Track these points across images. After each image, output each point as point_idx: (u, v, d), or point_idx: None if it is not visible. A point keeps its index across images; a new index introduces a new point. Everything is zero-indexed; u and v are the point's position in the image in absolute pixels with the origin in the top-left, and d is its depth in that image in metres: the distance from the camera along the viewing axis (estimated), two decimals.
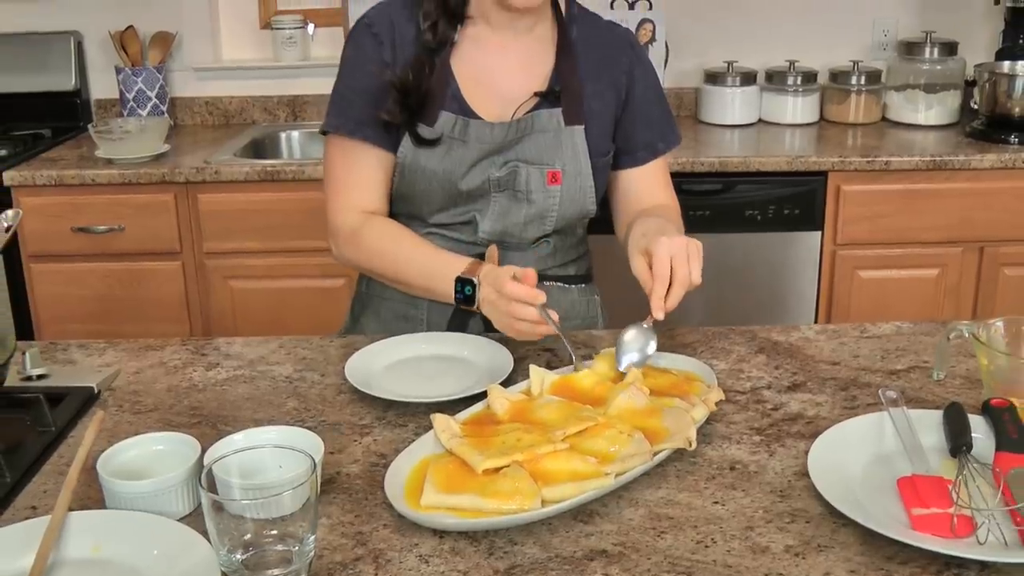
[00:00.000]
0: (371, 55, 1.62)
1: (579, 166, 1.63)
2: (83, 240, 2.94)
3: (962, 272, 2.97)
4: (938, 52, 3.28)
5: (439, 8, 1.60)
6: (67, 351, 1.65)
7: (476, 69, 1.63)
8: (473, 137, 1.60)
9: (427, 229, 1.67)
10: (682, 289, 1.40)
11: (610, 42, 1.70)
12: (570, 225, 1.70)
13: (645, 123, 1.71)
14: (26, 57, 3.46)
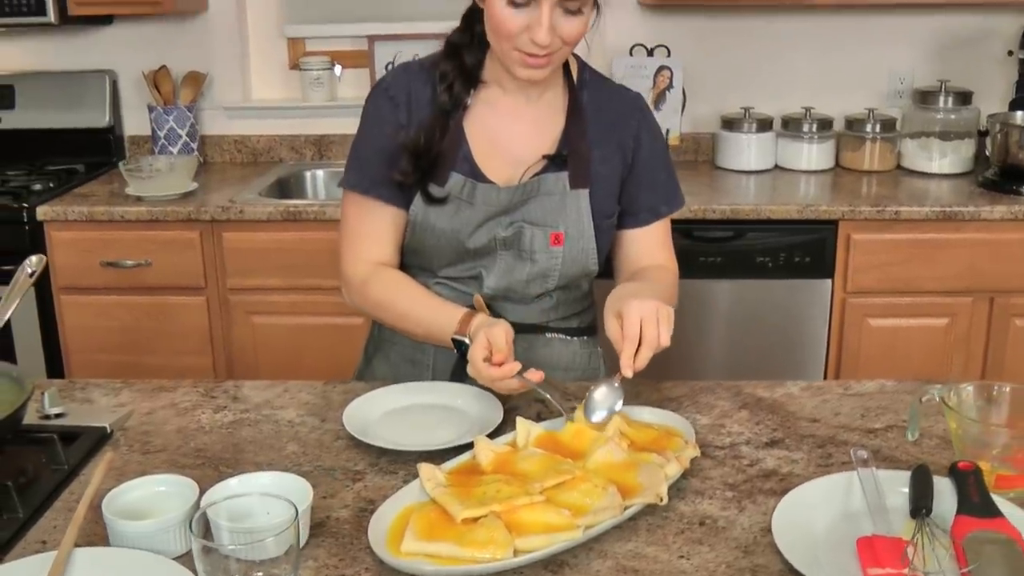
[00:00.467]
0: (387, 117, 1.70)
1: (582, 228, 1.70)
2: (112, 274, 3.04)
3: (972, 322, 3.00)
4: (952, 101, 3.32)
5: (455, 71, 1.68)
6: (85, 390, 1.74)
7: (488, 132, 1.70)
8: (480, 199, 1.67)
9: (436, 281, 1.75)
10: (650, 350, 1.46)
11: (619, 107, 1.76)
12: (573, 282, 1.76)
13: (650, 186, 1.77)
14: (63, 94, 3.58)
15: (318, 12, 3.60)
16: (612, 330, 1.49)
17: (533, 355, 1.74)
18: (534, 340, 1.75)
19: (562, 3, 1.52)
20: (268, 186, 3.27)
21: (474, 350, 1.50)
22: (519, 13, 1.53)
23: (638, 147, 1.75)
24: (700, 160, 3.54)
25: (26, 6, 3.18)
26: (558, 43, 1.56)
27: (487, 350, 1.49)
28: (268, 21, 3.63)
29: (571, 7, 1.53)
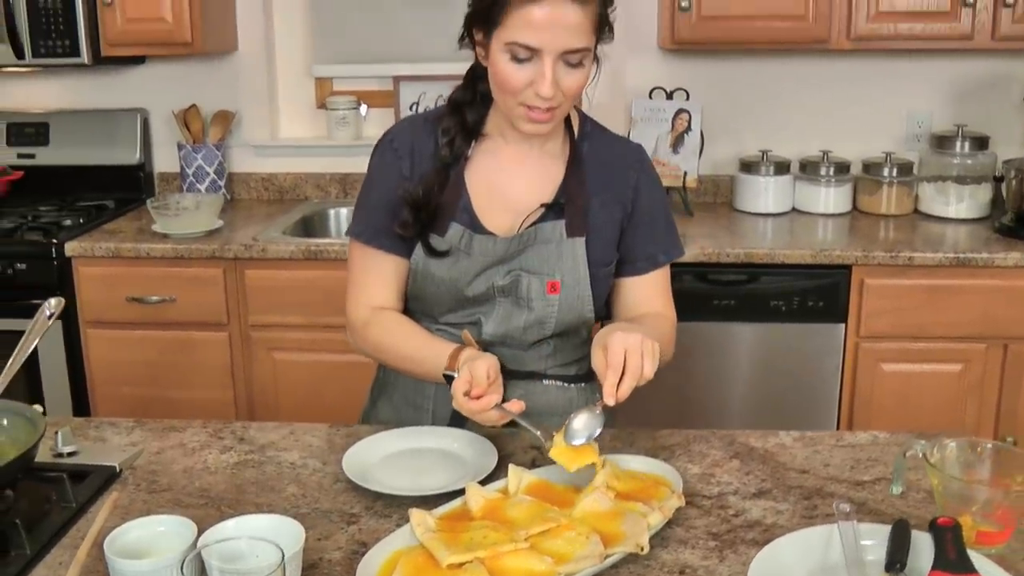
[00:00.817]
0: (391, 169, 1.76)
1: (578, 276, 1.73)
2: (137, 309, 3.11)
3: (986, 368, 3.00)
4: (969, 146, 3.34)
5: (457, 127, 1.73)
6: (99, 428, 1.79)
7: (488, 182, 1.75)
8: (477, 250, 1.72)
9: (437, 326, 1.80)
10: (633, 380, 1.48)
11: (619, 158, 1.80)
12: (571, 329, 1.80)
13: (648, 236, 1.81)
14: (96, 132, 3.68)
15: (345, 53, 3.68)
16: (597, 360, 1.52)
17: (531, 401, 1.77)
18: (532, 387, 1.79)
19: (564, 56, 1.57)
20: (292, 224, 3.34)
21: (456, 384, 1.55)
22: (522, 68, 1.58)
23: (637, 197, 1.79)
24: (719, 202, 3.58)
25: (61, 47, 3.29)
26: (560, 96, 1.60)
27: (468, 384, 1.54)
28: (296, 61, 3.72)
29: (572, 60, 1.58)
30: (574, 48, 1.56)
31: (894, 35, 3.14)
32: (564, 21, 1.54)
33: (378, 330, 1.78)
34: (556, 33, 1.55)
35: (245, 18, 3.61)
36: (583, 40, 1.57)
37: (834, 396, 3.06)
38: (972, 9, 3.09)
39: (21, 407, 1.61)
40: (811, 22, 3.13)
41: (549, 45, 1.55)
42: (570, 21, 1.55)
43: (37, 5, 3.26)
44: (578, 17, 1.55)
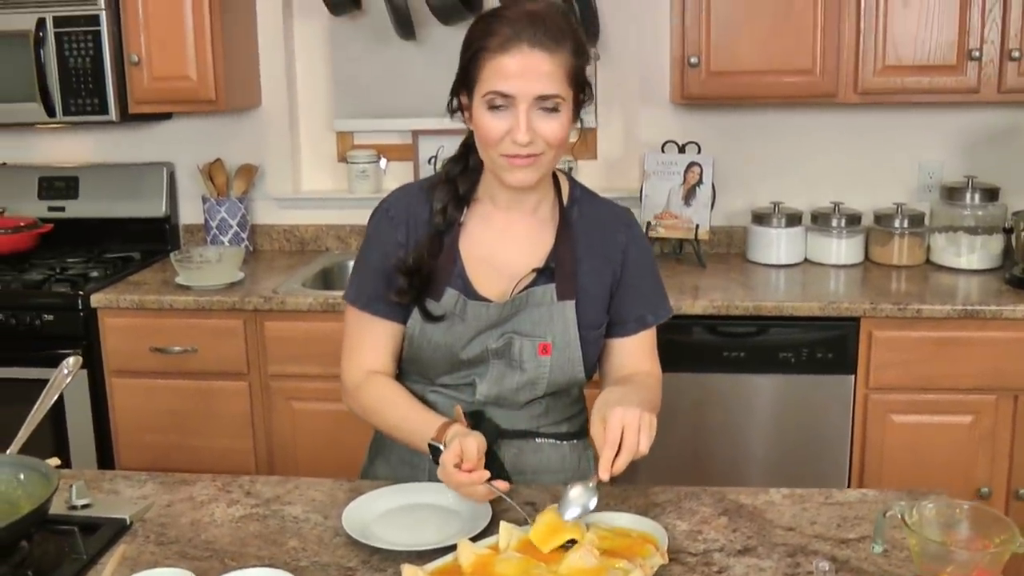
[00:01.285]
0: (386, 237, 1.83)
1: (568, 338, 1.79)
2: (160, 359, 3.19)
3: (997, 420, 3.01)
4: (980, 197, 3.37)
5: (449, 196, 1.81)
6: (113, 481, 1.86)
7: (481, 249, 1.82)
8: (471, 315, 1.78)
9: (433, 388, 1.86)
10: (629, 456, 1.54)
11: (608, 222, 1.87)
12: (564, 389, 1.85)
13: (637, 298, 1.86)
14: (123, 185, 3.79)
15: (366, 108, 3.77)
16: (596, 434, 1.58)
17: (523, 459, 1.83)
18: (524, 445, 1.85)
19: (538, 103, 1.65)
20: (312, 276, 3.42)
21: (446, 456, 1.60)
22: (500, 117, 1.66)
23: (625, 260, 1.85)
24: (732, 253, 3.62)
25: (90, 105, 3.40)
26: (541, 144, 1.68)
27: (458, 457, 1.59)
28: (318, 116, 3.82)
29: (547, 106, 1.66)
30: (546, 94, 1.64)
31: (901, 89, 3.19)
32: (535, 69, 1.63)
33: (370, 394, 1.84)
34: (527, 80, 1.63)
35: (269, 75, 3.72)
36: (555, 87, 1.65)
37: (845, 447, 3.08)
38: (978, 63, 3.13)
39: (37, 463, 1.67)
40: (819, 76, 3.19)
41: (522, 92, 1.64)
42: (540, 69, 1.63)
43: (67, 65, 3.38)
44: (548, 65, 1.64)
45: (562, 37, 1.66)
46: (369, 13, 3.65)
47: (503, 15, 1.68)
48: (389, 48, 3.67)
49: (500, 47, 1.64)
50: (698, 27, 3.20)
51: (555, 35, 1.65)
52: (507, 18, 1.66)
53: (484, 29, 1.68)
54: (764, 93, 3.24)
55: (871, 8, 3.14)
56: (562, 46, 1.66)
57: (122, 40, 3.39)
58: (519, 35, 1.63)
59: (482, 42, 1.67)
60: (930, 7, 3.13)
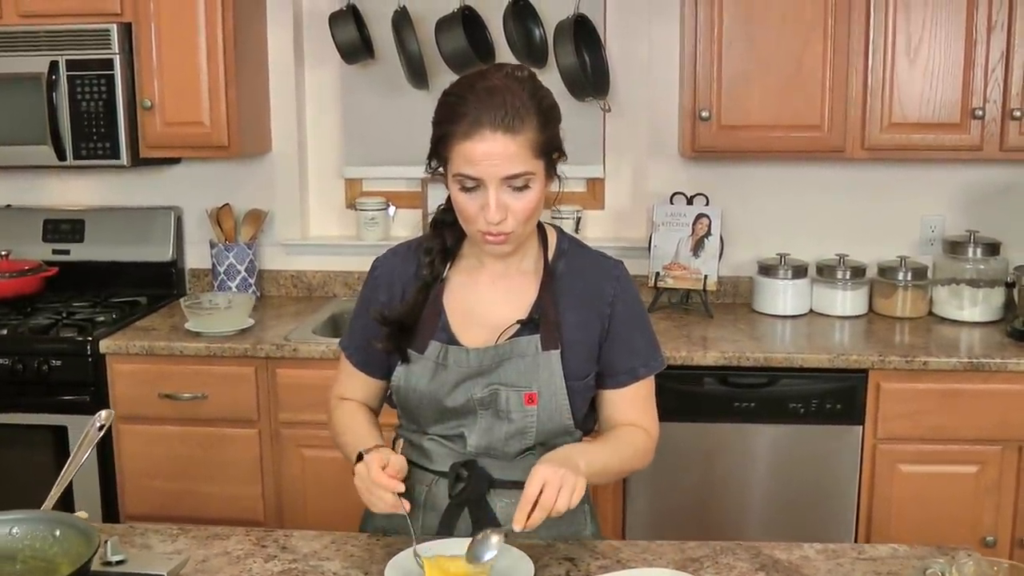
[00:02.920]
0: (370, 295, 1.95)
1: (554, 388, 1.82)
2: (169, 406, 3.19)
3: (1002, 470, 3.05)
4: (981, 251, 3.43)
5: (437, 247, 1.87)
6: (144, 535, 1.86)
7: (465, 302, 1.87)
8: (452, 361, 1.83)
9: (428, 437, 1.90)
10: (543, 513, 1.59)
11: (596, 275, 1.90)
12: (555, 439, 1.87)
13: (627, 350, 1.89)
14: (130, 229, 3.80)
15: (375, 155, 3.80)
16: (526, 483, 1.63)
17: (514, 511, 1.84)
18: (516, 495, 1.84)
19: (507, 182, 1.70)
20: (322, 323, 3.43)
21: (373, 456, 1.71)
22: (472, 197, 1.71)
23: (613, 313, 1.88)
24: (738, 303, 3.66)
25: (102, 150, 3.41)
26: (511, 222, 1.72)
27: (384, 463, 1.69)
28: (328, 163, 3.85)
29: (516, 184, 1.70)
30: (513, 174, 1.69)
31: (907, 145, 3.25)
32: (498, 153, 1.67)
33: (337, 413, 2.00)
34: (493, 164, 1.67)
35: (279, 121, 3.74)
36: (521, 166, 1.69)
37: (852, 496, 3.10)
38: (981, 121, 3.20)
39: (73, 519, 1.67)
40: (827, 132, 3.25)
41: (488, 175, 1.68)
42: (504, 151, 1.67)
43: (79, 109, 3.40)
44: (512, 147, 1.67)
45: (525, 114, 1.69)
46: (381, 61, 3.69)
47: (465, 96, 1.71)
48: (401, 96, 3.71)
49: (464, 133, 1.68)
50: (709, 81, 3.25)
51: (517, 114, 1.68)
52: (469, 100, 1.69)
53: (449, 112, 1.72)
54: (774, 147, 3.29)
55: (878, 67, 3.21)
56: (525, 124, 1.69)
57: (135, 85, 3.41)
58: (480, 120, 1.67)
59: (448, 126, 1.71)
60: (935, 67, 3.19)
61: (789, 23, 3.21)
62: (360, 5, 3.58)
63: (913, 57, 3.20)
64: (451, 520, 1.87)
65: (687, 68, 3.28)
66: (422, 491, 1.89)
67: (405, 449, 1.95)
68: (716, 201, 3.54)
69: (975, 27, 3.17)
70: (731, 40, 3.23)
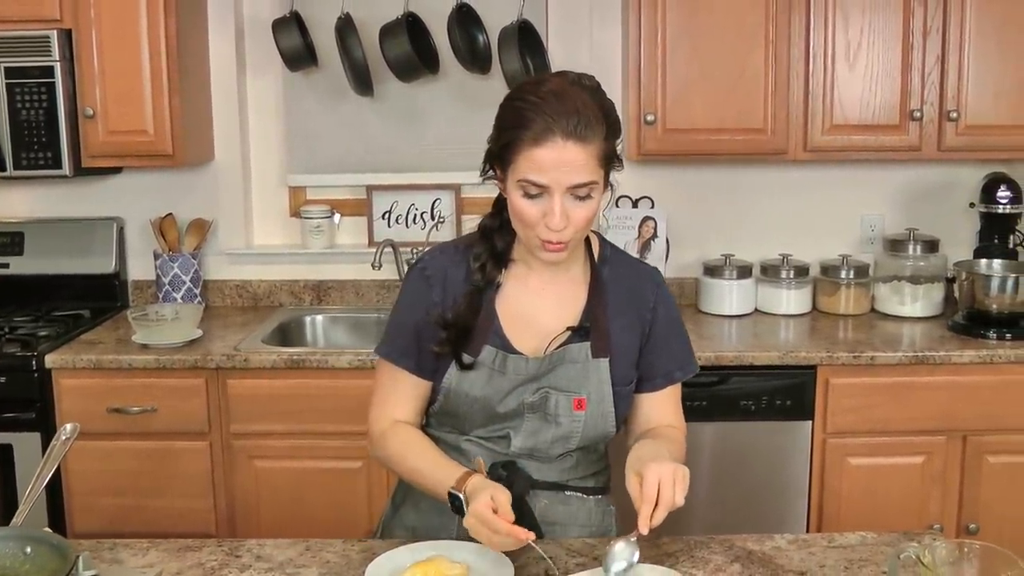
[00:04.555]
0: (421, 296, 1.87)
1: (603, 394, 1.84)
2: (118, 420, 3.13)
3: (947, 460, 3.13)
4: (921, 249, 3.52)
5: (487, 253, 1.85)
6: (114, 550, 1.83)
7: (517, 307, 1.86)
8: (511, 369, 1.83)
9: (466, 439, 1.89)
10: (666, 510, 1.58)
11: (637, 280, 1.92)
12: (594, 443, 1.89)
13: (665, 353, 1.91)
14: (71, 241, 3.72)
15: (319, 163, 3.79)
16: (633, 488, 1.62)
17: (552, 511, 1.86)
18: (553, 497, 1.88)
19: (572, 191, 1.69)
20: (270, 332, 3.40)
21: (481, 502, 1.62)
22: (534, 203, 1.70)
23: (655, 318, 1.90)
24: (684, 304, 3.70)
25: (43, 160, 3.33)
26: (572, 230, 1.72)
27: (491, 507, 1.61)
28: (271, 171, 3.82)
29: (580, 193, 1.70)
30: (580, 183, 1.68)
31: (847, 146, 3.33)
32: (568, 161, 1.66)
33: (395, 441, 1.88)
34: (562, 172, 1.67)
35: (222, 129, 3.70)
36: (588, 175, 1.68)
37: (804, 489, 3.16)
38: (919, 123, 3.29)
39: (46, 535, 1.65)
40: (770, 135, 3.31)
41: (556, 183, 1.67)
42: (574, 160, 1.67)
43: (19, 118, 3.32)
44: (581, 156, 1.67)
45: (596, 124, 1.68)
46: (325, 68, 3.67)
47: (536, 104, 1.69)
48: (344, 103, 3.70)
49: (534, 140, 1.67)
50: (654, 86, 3.30)
51: (589, 123, 1.67)
52: (540, 108, 1.68)
53: (518, 117, 1.70)
54: (718, 150, 3.35)
55: (819, 71, 3.29)
56: (595, 133, 1.68)
57: (76, 93, 3.35)
58: (552, 128, 1.66)
59: (516, 132, 1.69)
60: (874, 70, 3.28)
61: (731, 29, 3.27)
62: (303, 12, 3.57)
63: (852, 61, 3.28)
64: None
65: (631, 73, 3.32)
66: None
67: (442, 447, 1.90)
68: (662, 204, 3.59)
69: (911, 32, 3.27)
70: (674, 46, 3.28)
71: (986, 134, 3.32)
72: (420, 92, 3.67)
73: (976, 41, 3.27)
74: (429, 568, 1.63)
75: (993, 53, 3.27)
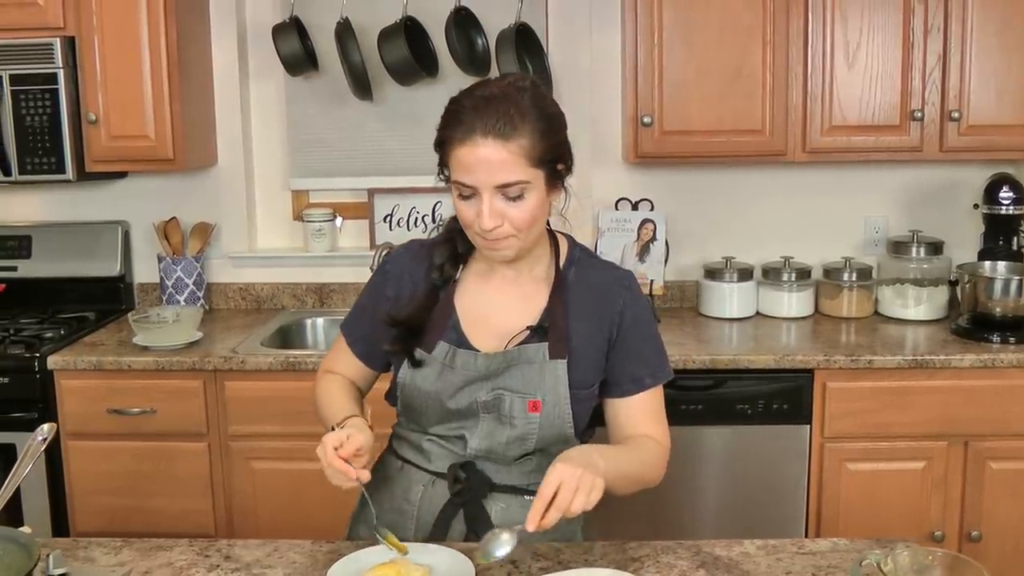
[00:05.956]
0: (379, 289, 1.95)
1: (559, 397, 1.83)
2: (117, 421, 3.16)
3: (948, 465, 3.09)
4: (924, 251, 3.48)
5: (447, 253, 1.88)
6: (88, 549, 1.85)
7: (477, 304, 1.88)
8: (460, 364, 1.83)
9: (428, 437, 1.90)
10: (558, 513, 1.55)
11: (606, 284, 1.90)
12: (554, 446, 1.87)
13: (633, 358, 1.88)
14: (78, 245, 3.77)
15: (321, 166, 3.80)
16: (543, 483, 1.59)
17: (510, 514, 1.86)
18: (512, 500, 1.87)
19: (501, 190, 1.70)
20: (270, 335, 3.42)
21: (330, 436, 1.73)
22: (469, 204, 1.73)
23: (623, 322, 1.88)
24: (685, 307, 3.69)
25: (47, 164, 3.38)
26: (508, 228, 1.73)
27: (340, 442, 1.70)
28: (274, 175, 3.84)
29: (511, 193, 1.70)
30: (507, 182, 1.69)
31: (847, 147, 3.30)
32: (490, 159, 1.68)
33: (322, 384, 2.01)
34: (485, 171, 1.68)
35: (225, 134, 3.73)
36: (516, 175, 1.69)
37: (802, 495, 3.13)
38: (920, 123, 3.26)
39: (15, 533, 1.66)
40: (768, 136, 3.29)
41: (481, 183, 1.69)
42: (496, 158, 1.68)
43: (24, 124, 3.36)
44: (503, 154, 1.67)
45: (520, 122, 1.68)
46: (326, 73, 3.69)
47: (463, 103, 1.72)
48: (345, 107, 3.72)
49: (459, 139, 1.69)
50: (650, 87, 3.28)
51: (511, 121, 1.67)
52: (465, 107, 1.71)
53: (449, 118, 1.73)
54: (715, 152, 3.33)
55: (817, 71, 3.26)
56: (520, 131, 1.68)
57: (80, 99, 3.39)
58: (473, 125, 1.68)
59: (446, 131, 1.73)
60: (874, 70, 3.25)
61: (728, 30, 3.25)
62: (303, 17, 3.59)
63: (852, 61, 3.25)
64: (446, 521, 1.87)
65: (628, 75, 3.32)
66: (419, 491, 1.89)
67: (402, 447, 1.94)
68: (661, 206, 3.58)
69: (912, 31, 3.23)
70: (671, 47, 3.27)
71: (989, 134, 3.28)
72: (419, 96, 3.67)
73: (978, 39, 3.23)
74: (390, 570, 1.64)
75: (996, 51, 3.23)
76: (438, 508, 1.87)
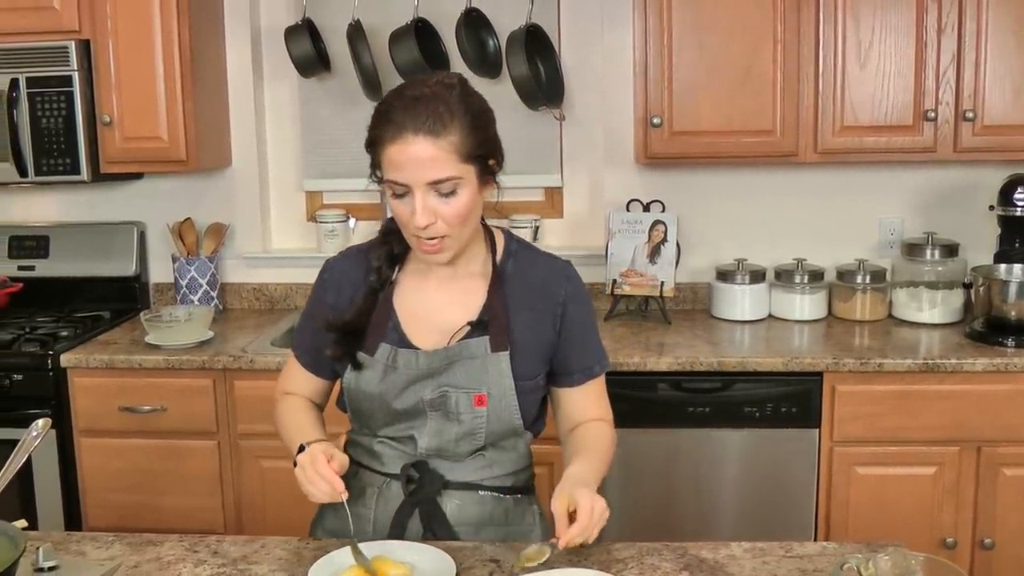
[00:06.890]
0: (318, 296, 1.97)
1: (504, 389, 1.84)
2: (129, 419, 3.19)
3: (960, 471, 3.05)
4: (939, 253, 3.45)
5: (384, 256, 1.90)
6: (80, 543, 1.87)
7: (416, 305, 1.89)
8: (402, 364, 1.85)
9: (378, 439, 1.91)
10: (582, 539, 1.63)
11: (547, 275, 1.93)
12: (505, 440, 1.89)
13: (581, 349, 1.93)
14: (94, 245, 3.82)
15: (335, 168, 3.82)
16: (558, 508, 1.65)
17: (465, 511, 1.87)
18: (467, 496, 1.89)
19: (433, 187, 1.71)
20: (281, 335, 3.44)
21: (317, 447, 1.75)
22: (403, 203, 1.74)
23: (566, 313, 1.90)
24: (697, 309, 3.67)
25: (62, 166, 3.43)
26: (442, 226, 1.74)
27: (330, 456, 1.74)
28: (288, 176, 3.87)
29: (443, 190, 1.72)
30: (439, 179, 1.70)
31: (859, 148, 3.27)
32: (420, 156, 1.69)
33: (282, 407, 2.04)
34: (417, 168, 1.69)
35: (239, 135, 3.76)
36: (447, 171, 1.70)
37: (810, 499, 3.10)
38: (934, 123, 3.22)
39: (4, 526, 1.68)
40: (779, 136, 3.27)
41: (413, 180, 1.70)
42: (427, 155, 1.69)
43: (40, 126, 3.41)
44: (432, 150, 1.69)
45: (449, 119, 1.70)
46: (338, 75, 3.71)
47: (393, 103, 1.73)
48: (358, 108, 3.72)
49: (390, 138, 1.70)
50: (660, 88, 3.27)
51: (440, 118, 1.69)
52: (395, 106, 1.72)
53: (379, 118, 1.74)
54: (726, 152, 3.31)
55: (829, 71, 3.23)
56: (449, 128, 1.69)
57: (94, 101, 3.42)
58: (403, 124, 1.69)
59: (377, 131, 1.74)
60: (886, 69, 3.22)
61: (738, 29, 3.23)
62: (315, 19, 3.61)
63: (864, 60, 3.22)
64: (402, 521, 1.88)
65: (638, 75, 3.30)
66: (373, 493, 1.91)
67: (355, 451, 1.96)
68: (672, 207, 3.56)
69: (925, 29, 3.20)
70: (681, 47, 3.25)
71: (1005, 134, 3.24)
72: None
73: (994, 38, 3.18)
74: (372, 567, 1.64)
75: (1012, 50, 3.19)
76: (394, 510, 1.89)
